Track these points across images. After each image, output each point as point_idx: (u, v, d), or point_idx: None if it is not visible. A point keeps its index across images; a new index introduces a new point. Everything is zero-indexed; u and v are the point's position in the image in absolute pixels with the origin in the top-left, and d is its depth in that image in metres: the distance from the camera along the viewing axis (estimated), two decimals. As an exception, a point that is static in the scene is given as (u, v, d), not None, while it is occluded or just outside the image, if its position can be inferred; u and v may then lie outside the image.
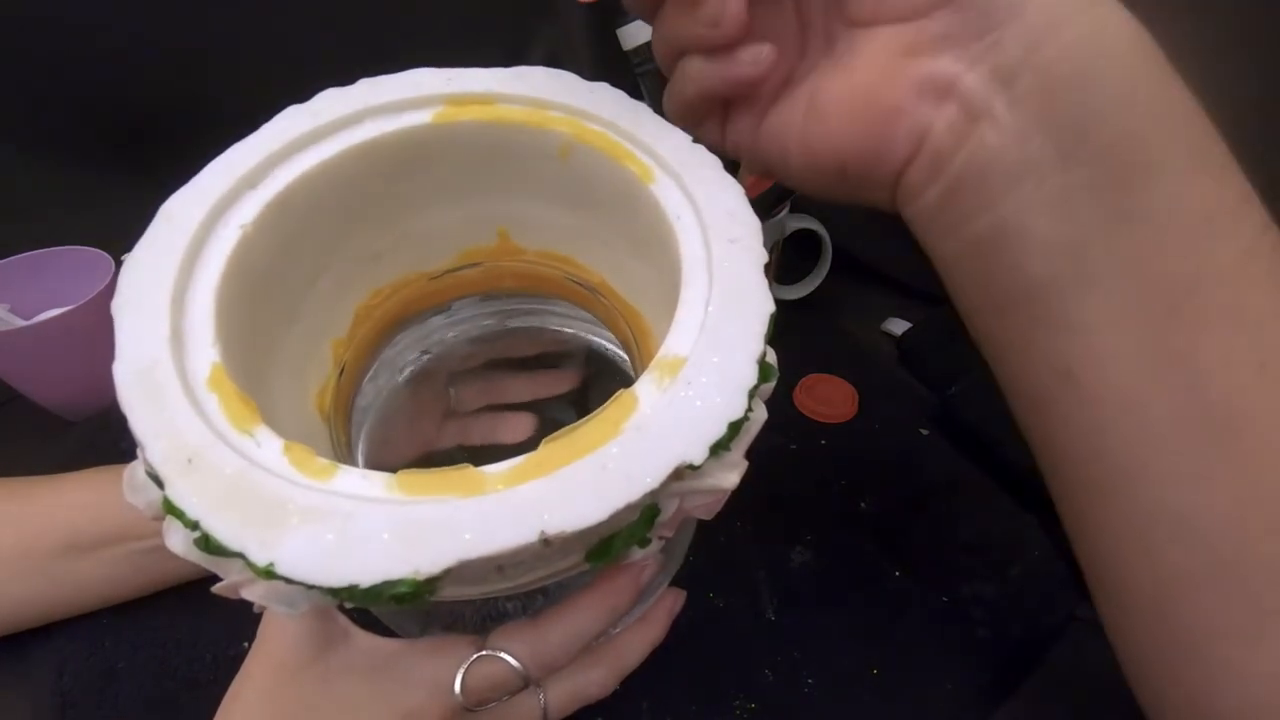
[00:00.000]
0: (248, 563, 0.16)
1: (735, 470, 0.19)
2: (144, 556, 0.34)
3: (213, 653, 0.34)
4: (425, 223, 0.27)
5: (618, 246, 0.27)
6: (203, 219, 0.21)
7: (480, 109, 0.25)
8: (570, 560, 0.19)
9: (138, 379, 0.18)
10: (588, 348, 0.32)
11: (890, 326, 0.53)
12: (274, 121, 0.23)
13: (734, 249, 0.21)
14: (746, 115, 0.25)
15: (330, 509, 0.16)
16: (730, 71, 0.23)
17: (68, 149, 0.52)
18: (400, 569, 0.15)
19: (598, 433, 0.18)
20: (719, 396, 0.18)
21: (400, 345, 0.30)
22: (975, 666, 0.34)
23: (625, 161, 0.24)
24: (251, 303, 0.22)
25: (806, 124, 0.23)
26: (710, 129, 0.25)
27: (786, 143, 0.23)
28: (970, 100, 0.20)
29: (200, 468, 0.17)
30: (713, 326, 0.20)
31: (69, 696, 0.33)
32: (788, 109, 0.23)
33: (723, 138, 0.25)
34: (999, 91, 0.19)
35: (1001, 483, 0.42)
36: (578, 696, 0.25)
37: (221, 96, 0.43)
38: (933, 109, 0.20)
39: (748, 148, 0.25)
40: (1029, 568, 0.38)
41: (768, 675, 0.34)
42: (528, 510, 0.16)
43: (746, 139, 0.25)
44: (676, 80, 0.24)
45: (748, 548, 0.39)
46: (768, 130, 0.24)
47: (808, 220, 0.52)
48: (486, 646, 0.23)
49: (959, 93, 0.20)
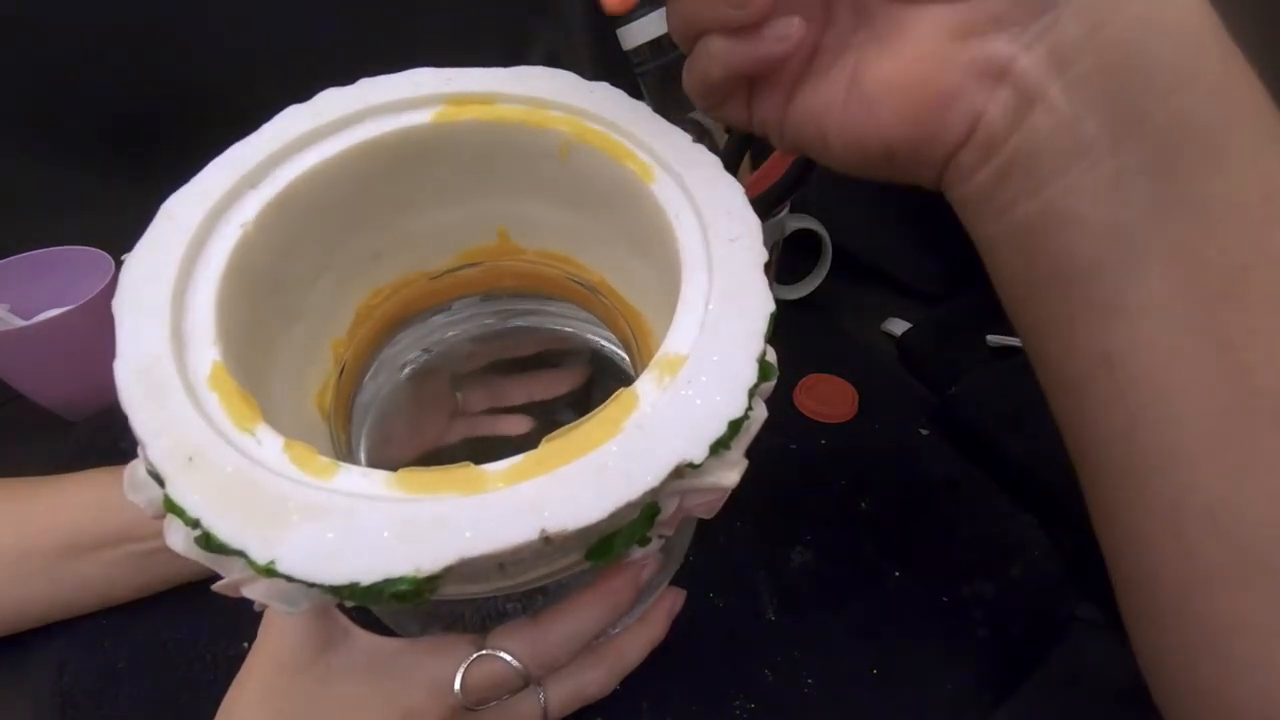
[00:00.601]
0: (248, 561, 0.16)
1: (735, 469, 0.19)
2: (144, 557, 0.34)
3: (213, 653, 0.34)
4: (425, 222, 0.27)
5: (618, 246, 0.27)
6: (203, 218, 0.21)
7: (480, 109, 0.25)
8: (571, 558, 0.19)
9: (139, 377, 0.18)
10: (588, 347, 0.32)
11: (890, 326, 0.53)
12: (275, 121, 0.23)
13: (734, 248, 0.21)
14: (773, 92, 0.24)
15: (331, 507, 0.16)
16: (757, 50, 0.22)
17: (68, 149, 0.52)
18: (401, 567, 0.15)
19: (598, 431, 0.18)
20: (719, 395, 0.18)
21: (400, 345, 0.30)
22: (975, 666, 0.34)
23: (625, 161, 0.24)
24: (252, 302, 0.22)
25: (849, 108, 0.22)
26: (735, 107, 0.25)
27: (825, 125, 0.23)
28: (1025, 83, 0.19)
29: (201, 466, 0.17)
30: (713, 325, 0.20)
31: (69, 696, 0.33)
32: (825, 89, 0.23)
33: (749, 116, 0.25)
34: (1056, 75, 0.19)
35: (1001, 483, 0.42)
36: (577, 696, 0.25)
37: (221, 96, 0.43)
38: (987, 93, 0.20)
39: (776, 125, 0.24)
40: (1029, 568, 0.38)
41: (768, 675, 0.34)
42: (528, 508, 0.16)
43: (775, 116, 0.24)
44: (698, 59, 0.23)
45: (748, 548, 0.39)
46: (802, 110, 0.23)
47: (808, 220, 0.52)
48: (486, 646, 0.23)
49: (1014, 76, 0.19)
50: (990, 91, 0.20)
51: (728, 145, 0.39)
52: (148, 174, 0.30)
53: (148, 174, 0.30)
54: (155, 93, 0.51)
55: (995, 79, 0.20)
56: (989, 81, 0.20)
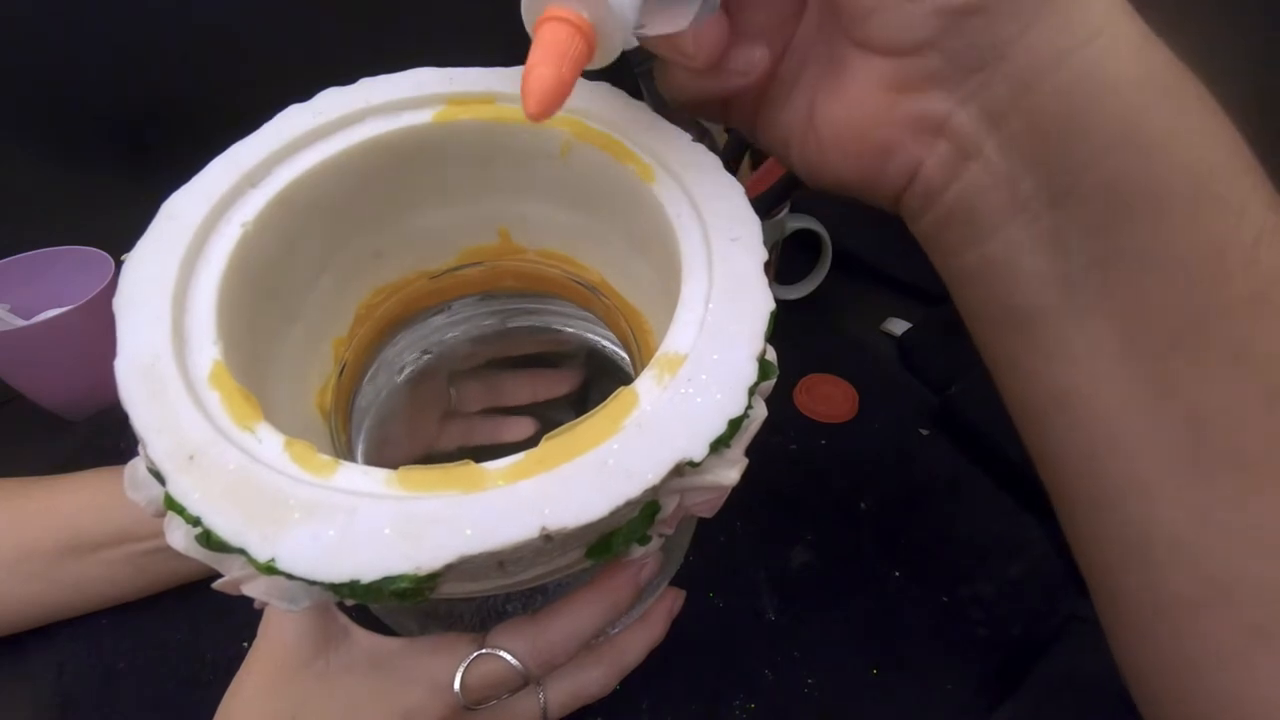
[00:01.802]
0: (249, 559, 0.16)
1: (735, 467, 0.19)
2: (144, 558, 0.34)
3: (213, 653, 0.34)
4: (426, 222, 0.27)
5: (618, 245, 0.27)
6: (204, 217, 0.21)
7: (481, 108, 0.25)
8: (571, 557, 0.19)
9: (139, 375, 0.18)
10: (588, 347, 0.32)
11: (890, 326, 0.53)
12: (276, 120, 0.23)
13: (734, 247, 0.21)
14: (740, 106, 0.24)
15: (332, 505, 0.16)
16: (718, 85, 0.22)
17: (68, 149, 0.52)
18: (402, 564, 0.15)
19: (598, 429, 0.18)
20: (719, 393, 0.18)
21: (400, 345, 0.30)
22: (975, 666, 0.34)
23: (626, 160, 0.24)
24: (252, 301, 0.22)
25: (806, 142, 0.22)
26: (710, 113, 0.25)
27: (788, 150, 0.23)
28: (961, 139, 0.19)
29: (202, 464, 0.17)
30: (713, 324, 0.20)
31: (69, 696, 0.33)
32: (787, 114, 0.23)
33: (725, 117, 0.25)
34: (990, 132, 0.19)
35: (1001, 483, 0.42)
36: (577, 695, 0.25)
37: (222, 96, 0.43)
38: (924, 146, 0.20)
39: (748, 133, 0.25)
40: (1029, 568, 0.38)
41: (768, 675, 0.34)
42: (529, 506, 0.16)
43: (745, 126, 0.25)
44: (662, 79, 0.24)
45: (748, 548, 0.39)
46: (768, 127, 0.24)
47: (808, 220, 0.52)
48: (486, 645, 0.23)
49: (950, 131, 0.19)
50: (928, 144, 0.20)
51: (727, 145, 0.39)
52: (148, 174, 0.30)
53: (148, 174, 0.30)
54: (155, 93, 0.51)
55: (933, 133, 0.20)
56: (926, 136, 0.20)
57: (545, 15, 0.18)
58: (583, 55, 0.18)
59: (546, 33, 0.18)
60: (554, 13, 0.18)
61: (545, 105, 0.18)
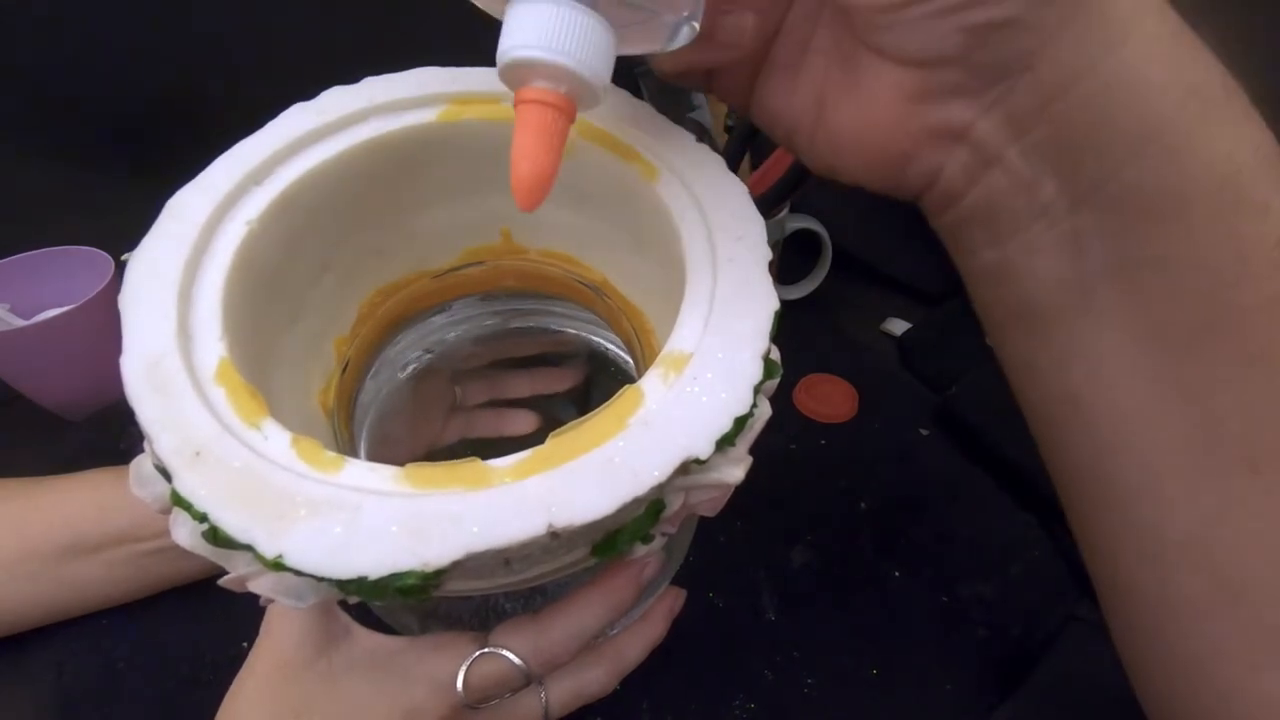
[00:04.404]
0: (256, 555, 0.16)
1: (740, 465, 0.19)
2: (145, 558, 0.34)
3: (213, 653, 0.34)
4: (429, 221, 0.27)
5: (621, 245, 0.27)
6: (209, 215, 0.21)
7: (484, 108, 0.25)
8: (576, 554, 0.19)
9: (146, 372, 0.18)
10: (589, 348, 0.32)
11: (890, 326, 0.54)
12: (280, 119, 0.23)
13: (738, 246, 0.21)
14: (733, 77, 0.23)
15: (338, 501, 0.16)
16: (707, 56, 0.21)
17: (68, 149, 0.52)
18: (408, 561, 0.15)
19: (604, 427, 0.18)
20: (724, 392, 0.18)
21: (402, 344, 0.30)
22: (975, 666, 0.35)
23: (629, 160, 0.24)
24: (256, 299, 0.22)
25: (816, 140, 0.22)
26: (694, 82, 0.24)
27: (792, 135, 0.23)
28: (983, 146, 0.19)
29: (208, 460, 0.17)
30: (718, 323, 0.20)
31: (69, 696, 0.33)
32: (790, 100, 0.22)
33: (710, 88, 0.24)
34: (1013, 139, 0.19)
35: (1001, 483, 0.42)
36: (578, 695, 0.25)
37: (224, 96, 0.43)
38: (944, 153, 0.20)
39: (740, 107, 0.24)
40: (1029, 568, 0.38)
41: (768, 675, 0.34)
42: (535, 503, 0.16)
43: (738, 100, 0.24)
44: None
45: (748, 548, 0.39)
46: (764, 109, 0.23)
47: (808, 220, 0.53)
48: (488, 644, 0.23)
49: (972, 138, 0.19)
50: (948, 151, 0.20)
51: (728, 145, 0.39)
52: (148, 174, 0.30)
53: (148, 174, 0.30)
54: (157, 93, 0.51)
55: (953, 140, 0.20)
56: (946, 142, 0.20)
57: (525, 98, 0.18)
58: (566, 128, 0.18)
59: (531, 116, 0.18)
60: (533, 96, 0.18)
61: (537, 197, 0.18)
